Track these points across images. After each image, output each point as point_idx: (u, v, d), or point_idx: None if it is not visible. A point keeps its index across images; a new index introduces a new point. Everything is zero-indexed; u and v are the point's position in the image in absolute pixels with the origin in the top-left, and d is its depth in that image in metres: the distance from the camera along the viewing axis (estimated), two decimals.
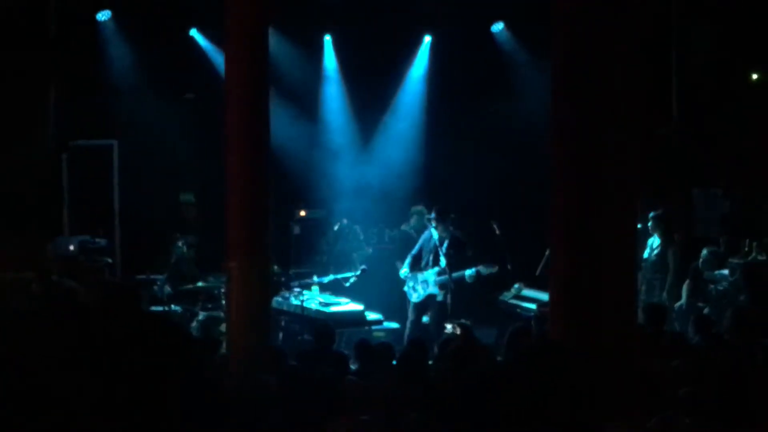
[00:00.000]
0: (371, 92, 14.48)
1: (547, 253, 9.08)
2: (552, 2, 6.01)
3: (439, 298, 11.61)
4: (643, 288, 11.78)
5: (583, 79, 5.78)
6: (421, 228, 12.37)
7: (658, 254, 11.85)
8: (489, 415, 6.05)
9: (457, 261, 11.56)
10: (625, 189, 5.81)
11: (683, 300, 11.93)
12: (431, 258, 11.71)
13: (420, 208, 12.85)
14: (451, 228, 11.70)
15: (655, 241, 11.94)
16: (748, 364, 7.49)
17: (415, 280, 11.82)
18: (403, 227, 13.24)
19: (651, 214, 12.03)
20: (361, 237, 13.29)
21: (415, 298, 11.82)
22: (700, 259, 12.15)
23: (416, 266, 11.84)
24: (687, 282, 12.03)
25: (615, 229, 5.73)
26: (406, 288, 11.95)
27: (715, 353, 8.01)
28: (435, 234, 11.67)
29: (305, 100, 14.49)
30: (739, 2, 13.76)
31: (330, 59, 14.61)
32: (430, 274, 11.68)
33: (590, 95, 5.76)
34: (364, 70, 14.27)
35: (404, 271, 11.83)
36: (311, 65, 14.49)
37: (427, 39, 14.79)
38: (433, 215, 11.81)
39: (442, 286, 11.60)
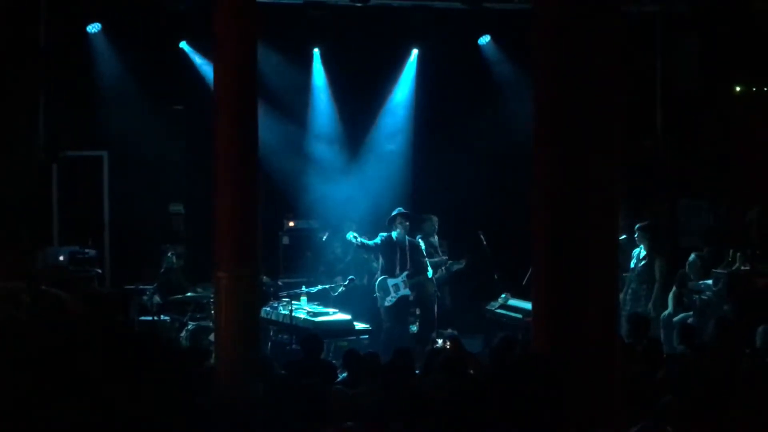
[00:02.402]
0: (360, 104, 14.55)
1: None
2: (534, 14, 6.09)
3: (411, 298, 12.26)
4: (629, 298, 11.88)
5: (566, 91, 5.85)
6: (431, 233, 12.91)
7: (645, 265, 11.92)
8: (475, 424, 6.12)
9: (420, 262, 12.12)
10: (607, 199, 5.87)
11: (670, 309, 12.02)
12: (399, 262, 12.15)
13: (432, 216, 13.20)
14: (405, 233, 12.21)
15: (641, 252, 12.01)
16: (732, 373, 7.58)
17: (387, 286, 12.15)
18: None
19: (637, 225, 12.12)
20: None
21: (387, 302, 12.13)
22: (688, 263, 12.24)
23: (386, 271, 12.27)
24: (673, 291, 12.12)
25: (597, 239, 5.80)
26: (377, 294, 12.26)
27: (699, 362, 8.10)
28: (403, 238, 12.18)
29: (294, 111, 14.54)
30: (722, 15, 13.87)
31: (319, 72, 14.67)
32: (401, 278, 12.11)
33: (572, 107, 5.84)
34: (352, 82, 14.34)
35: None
36: (300, 77, 14.54)
37: (415, 52, 14.87)
38: (401, 220, 12.14)
39: (413, 287, 12.19)
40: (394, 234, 12.22)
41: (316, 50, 14.60)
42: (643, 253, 11.95)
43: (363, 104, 14.58)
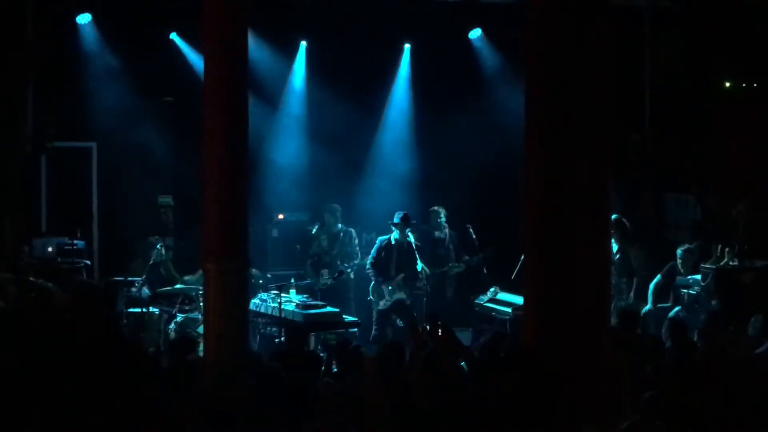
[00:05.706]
0: (352, 97, 14.44)
1: (522, 257, 9.17)
2: (526, 10, 6.11)
3: (408, 301, 12.12)
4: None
5: (557, 85, 5.87)
6: (437, 226, 13.06)
7: (619, 258, 11.93)
8: (462, 417, 6.13)
9: (413, 263, 12.02)
10: (597, 193, 5.90)
11: (650, 305, 12.01)
12: (395, 264, 12.10)
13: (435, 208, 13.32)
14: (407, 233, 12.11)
15: (612, 246, 12.00)
16: (721, 367, 7.60)
17: (381, 290, 12.13)
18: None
19: None
20: (356, 241, 13.31)
21: (382, 305, 12.10)
22: (679, 259, 12.22)
23: (382, 274, 12.16)
24: (655, 282, 12.10)
25: (588, 232, 5.82)
26: (371, 296, 12.22)
27: (689, 357, 8.12)
28: (403, 240, 12.09)
29: (283, 103, 14.52)
30: (710, 10, 13.90)
31: (300, 64, 14.62)
32: (396, 281, 12.08)
33: (563, 100, 5.85)
34: (343, 74, 14.26)
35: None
36: (289, 69, 14.52)
37: (407, 46, 14.84)
38: (397, 221, 12.07)
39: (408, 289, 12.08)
40: (393, 237, 12.14)
41: (303, 42, 14.55)
42: (615, 246, 11.94)
43: (355, 97, 14.46)
